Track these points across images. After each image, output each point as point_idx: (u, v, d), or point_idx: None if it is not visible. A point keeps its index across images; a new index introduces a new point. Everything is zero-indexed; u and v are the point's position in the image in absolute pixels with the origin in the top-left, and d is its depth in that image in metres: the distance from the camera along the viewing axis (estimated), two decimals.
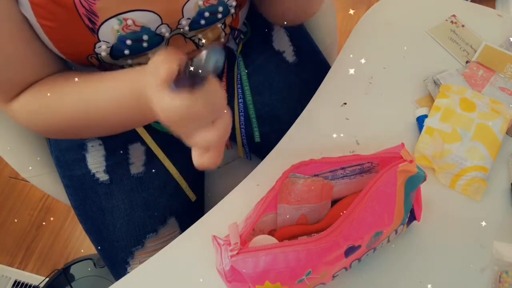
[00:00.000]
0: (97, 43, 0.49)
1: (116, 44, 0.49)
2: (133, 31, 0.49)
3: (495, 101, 0.61)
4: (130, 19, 0.48)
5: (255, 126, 0.68)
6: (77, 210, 0.67)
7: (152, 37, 0.51)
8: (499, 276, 0.50)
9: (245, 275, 0.41)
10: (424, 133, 0.59)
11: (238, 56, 0.66)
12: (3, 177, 1.51)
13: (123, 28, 0.48)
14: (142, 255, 0.64)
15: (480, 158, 0.57)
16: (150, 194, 0.65)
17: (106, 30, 0.48)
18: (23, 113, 0.53)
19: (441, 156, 0.57)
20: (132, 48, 0.51)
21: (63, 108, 0.51)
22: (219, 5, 0.53)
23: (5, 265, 1.36)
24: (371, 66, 0.67)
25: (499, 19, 0.72)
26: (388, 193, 0.45)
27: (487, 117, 0.59)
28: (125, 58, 0.52)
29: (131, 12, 0.47)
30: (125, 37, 0.49)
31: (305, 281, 0.43)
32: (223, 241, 0.43)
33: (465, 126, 0.58)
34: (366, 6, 1.76)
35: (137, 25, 0.49)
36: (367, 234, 0.44)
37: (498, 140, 0.58)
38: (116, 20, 0.47)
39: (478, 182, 0.56)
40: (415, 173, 0.46)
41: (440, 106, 0.60)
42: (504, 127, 0.59)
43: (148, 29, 0.50)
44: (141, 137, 0.65)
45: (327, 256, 0.42)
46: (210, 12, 0.53)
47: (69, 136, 0.63)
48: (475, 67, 0.65)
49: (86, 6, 0.45)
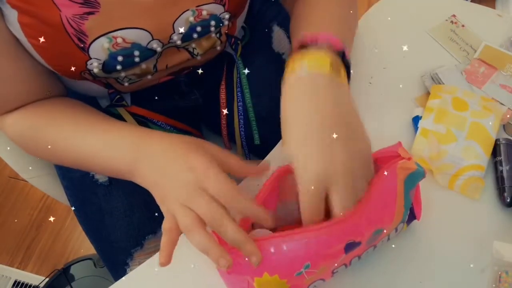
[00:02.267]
0: (88, 61, 0.48)
1: (107, 61, 0.49)
2: (124, 48, 0.49)
3: (486, 98, 0.61)
4: (120, 37, 0.48)
5: (255, 128, 0.67)
6: (77, 211, 0.67)
7: (144, 52, 0.51)
8: (499, 276, 0.50)
9: (243, 267, 0.42)
10: (419, 135, 0.59)
11: (238, 58, 0.66)
12: (3, 177, 1.51)
13: (113, 45, 0.48)
14: (142, 256, 0.64)
15: (476, 156, 0.57)
16: (149, 196, 0.65)
17: (96, 48, 0.47)
18: (14, 131, 0.53)
19: (437, 158, 0.57)
20: (124, 63, 0.50)
21: (54, 143, 0.50)
22: (211, 20, 0.52)
23: (5, 265, 1.36)
24: (371, 66, 0.67)
25: (499, 19, 0.72)
26: (389, 190, 0.45)
27: (480, 115, 0.59)
28: (118, 71, 0.52)
29: (120, 30, 0.47)
30: (116, 53, 0.49)
31: (303, 275, 0.43)
32: None
33: (459, 125, 0.59)
34: (366, 6, 1.76)
35: (127, 42, 0.48)
36: (368, 230, 0.44)
37: (492, 137, 0.58)
38: (105, 39, 0.47)
39: (476, 181, 0.56)
40: (415, 169, 0.46)
41: (432, 107, 0.60)
42: (497, 124, 0.59)
43: (139, 45, 0.50)
44: None
45: (326, 250, 0.42)
46: (202, 26, 0.52)
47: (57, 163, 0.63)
48: (477, 64, 0.65)
49: (74, 26, 0.45)
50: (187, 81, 0.64)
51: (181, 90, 0.65)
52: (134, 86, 0.58)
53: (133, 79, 0.55)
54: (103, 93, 0.59)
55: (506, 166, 0.56)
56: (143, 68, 0.54)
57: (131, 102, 0.63)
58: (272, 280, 0.42)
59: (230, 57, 0.69)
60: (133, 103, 0.63)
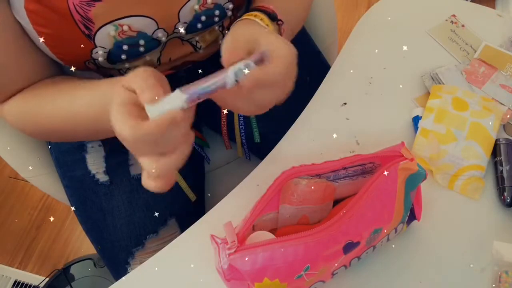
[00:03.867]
0: (93, 49, 0.49)
1: (112, 50, 0.49)
2: (129, 37, 0.49)
3: (486, 98, 0.61)
4: (126, 25, 0.48)
5: (255, 127, 0.68)
6: (77, 210, 0.67)
7: (149, 42, 0.51)
8: (499, 276, 0.50)
9: (243, 272, 0.42)
10: (419, 135, 0.59)
11: None
12: (3, 177, 1.51)
13: (119, 33, 0.48)
14: (143, 255, 0.64)
15: (476, 157, 0.57)
16: (150, 195, 0.65)
17: (102, 36, 0.48)
18: (12, 115, 0.54)
19: (437, 158, 0.57)
20: (129, 53, 0.51)
21: (45, 113, 0.51)
22: (215, 9, 0.53)
23: (5, 265, 1.36)
24: (371, 66, 0.67)
25: (499, 19, 0.72)
26: (388, 190, 0.45)
27: (480, 115, 0.59)
28: (122, 62, 0.52)
29: (126, 18, 0.47)
30: (121, 42, 0.49)
31: (303, 277, 0.43)
32: (221, 240, 0.43)
33: (459, 125, 0.59)
34: (366, 6, 1.76)
35: (133, 31, 0.49)
36: (366, 230, 0.44)
37: (492, 137, 0.58)
38: (112, 26, 0.47)
39: (476, 181, 0.56)
40: (416, 171, 0.46)
41: (433, 107, 0.60)
42: (497, 124, 0.59)
43: (145, 34, 0.50)
44: None
45: (325, 251, 0.42)
46: (206, 16, 0.53)
47: (55, 139, 0.64)
48: (477, 64, 0.65)
49: (81, 13, 0.45)
50: (188, 76, 0.64)
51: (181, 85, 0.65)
52: None
53: None
54: None
55: (506, 166, 0.56)
56: (147, 60, 0.54)
57: None
58: (272, 284, 0.42)
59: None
60: None
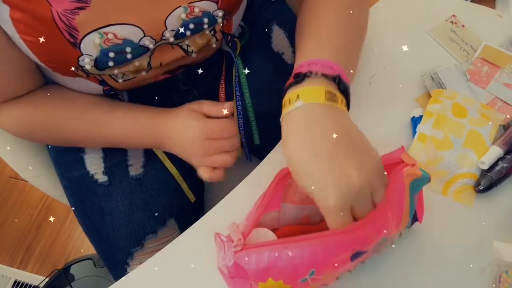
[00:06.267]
0: (80, 57, 0.48)
1: (99, 57, 0.49)
2: (115, 44, 0.49)
3: (486, 106, 0.61)
4: (111, 33, 0.48)
5: (255, 128, 0.67)
6: (76, 211, 0.67)
7: (136, 49, 0.51)
8: (499, 276, 0.50)
9: (248, 271, 0.41)
10: (417, 140, 0.59)
11: (237, 58, 0.66)
12: (3, 177, 1.51)
13: (104, 41, 0.48)
14: (142, 256, 0.64)
15: (470, 165, 0.57)
16: (149, 195, 0.65)
17: (87, 44, 0.47)
18: (12, 125, 0.58)
19: (434, 163, 0.57)
20: (116, 59, 0.50)
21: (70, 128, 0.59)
22: (204, 17, 0.52)
23: (5, 265, 1.36)
24: (371, 66, 0.67)
25: (499, 19, 0.72)
26: (397, 199, 0.44)
27: (478, 123, 0.59)
28: (111, 68, 0.52)
29: (111, 26, 0.47)
30: (107, 50, 0.49)
31: (308, 281, 0.43)
32: (226, 238, 0.43)
33: (456, 132, 0.58)
34: None
35: (118, 38, 0.48)
36: (376, 240, 0.43)
37: (487, 146, 0.58)
38: (97, 34, 0.47)
39: (468, 189, 0.56)
40: (420, 175, 0.46)
41: (432, 111, 0.60)
42: (493, 133, 0.59)
43: (131, 42, 0.50)
44: None
45: (333, 258, 0.42)
46: (195, 24, 0.52)
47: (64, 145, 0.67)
48: (480, 63, 0.65)
49: (65, 21, 0.45)
50: (185, 80, 0.64)
51: (179, 89, 0.65)
52: (129, 83, 0.57)
53: (128, 76, 0.55)
54: (98, 90, 0.59)
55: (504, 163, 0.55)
56: (136, 65, 0.54)
57: (128, 101, 0.63)
58: (276, 285, 0.42)
59: (229, 56, 0.68)
60: (131, 101, 0.63)
